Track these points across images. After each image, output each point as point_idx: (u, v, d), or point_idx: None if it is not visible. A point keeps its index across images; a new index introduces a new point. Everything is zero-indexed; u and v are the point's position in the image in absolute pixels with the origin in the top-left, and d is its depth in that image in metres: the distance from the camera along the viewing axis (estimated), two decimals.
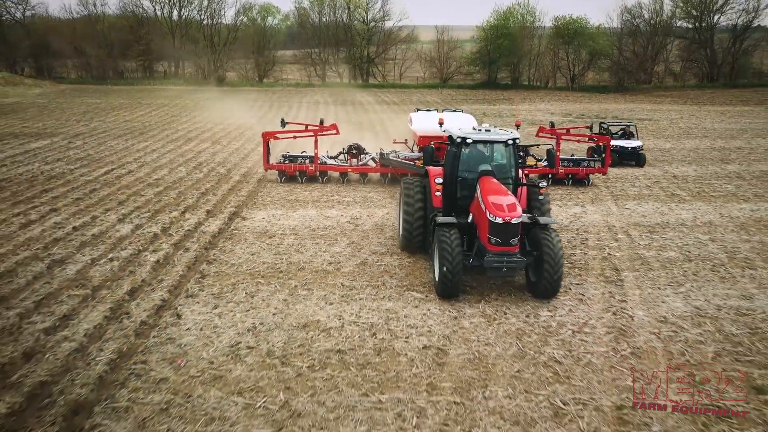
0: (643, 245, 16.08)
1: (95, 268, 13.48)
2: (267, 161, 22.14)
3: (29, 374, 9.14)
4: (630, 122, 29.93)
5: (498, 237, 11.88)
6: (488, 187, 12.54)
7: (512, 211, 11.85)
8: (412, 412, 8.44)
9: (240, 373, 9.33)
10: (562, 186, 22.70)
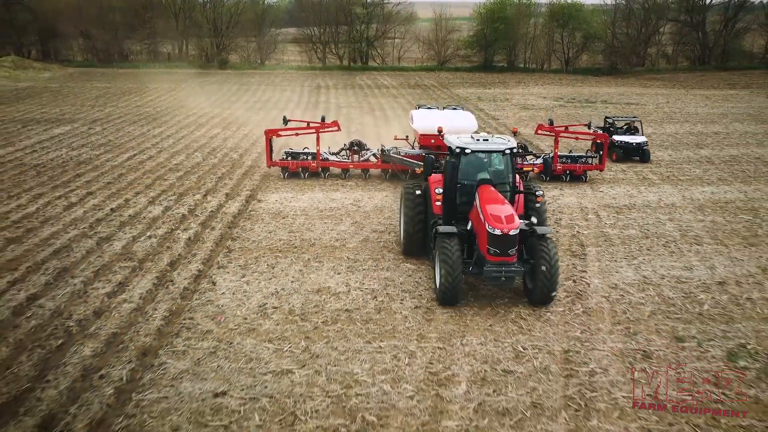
0: (609, 224, 18.44)
1: (137, 244, 15.84)
2: (270, 158, 22.62)
3: (102, 327, 11.53)
4: (635, 117, 29.47)
5: (496, 248, 12.32)
6: (487, 196, 12.99)
7: (510, 222, 12.26)
8: (404, 354, 10.85)
9: (269, 327, 11.73)
10: (560, 182, 23.16)
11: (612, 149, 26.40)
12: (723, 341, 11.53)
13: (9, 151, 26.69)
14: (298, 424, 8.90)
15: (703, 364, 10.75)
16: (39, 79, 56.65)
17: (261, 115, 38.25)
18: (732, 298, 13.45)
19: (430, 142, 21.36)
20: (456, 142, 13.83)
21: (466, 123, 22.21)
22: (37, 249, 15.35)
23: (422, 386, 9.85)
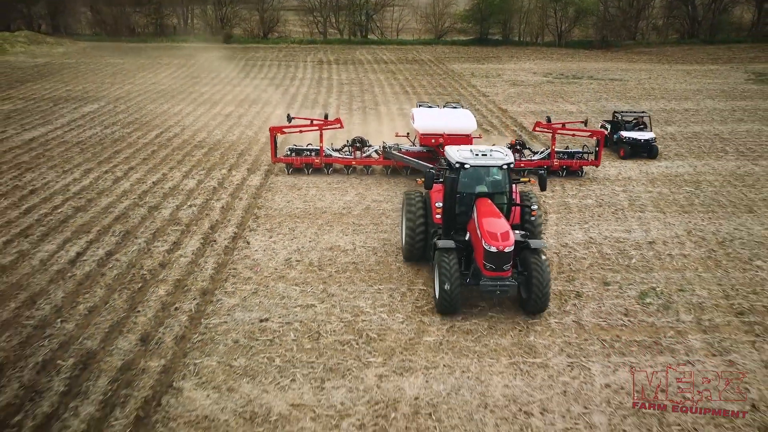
0: (571, 195, 21.98)
1: (181, 212, 19.41)
2: (275, 155, 23.33)
3: (168, 276, 15.16)
4: (643, 112, 29.24)
5: (492, 263, 12.95)
6: (484, 210, 13.70)
7: (505, 240, 12.91)
8: (398, 294, 14.50)
9: (294, 275, 15.37)
10: (557, 177, 23.67)
11: (620, 145, 26.89)
12: (639, 285, 15.20)
13: (49, 129, 30.06)
14: (322, 339, 12.59)
15: (619, 301, 14.42)
16: (54, 54, 59.48)
17: (269, 92, 41.45)
18: (656, 254, 17.08)
19: (430, 141, 22.12)
20: (455, 156, 14.37)
21: (466, 123, 22.77)
22: (101, 216, 18.94)
23: (410, 315, 13.53)
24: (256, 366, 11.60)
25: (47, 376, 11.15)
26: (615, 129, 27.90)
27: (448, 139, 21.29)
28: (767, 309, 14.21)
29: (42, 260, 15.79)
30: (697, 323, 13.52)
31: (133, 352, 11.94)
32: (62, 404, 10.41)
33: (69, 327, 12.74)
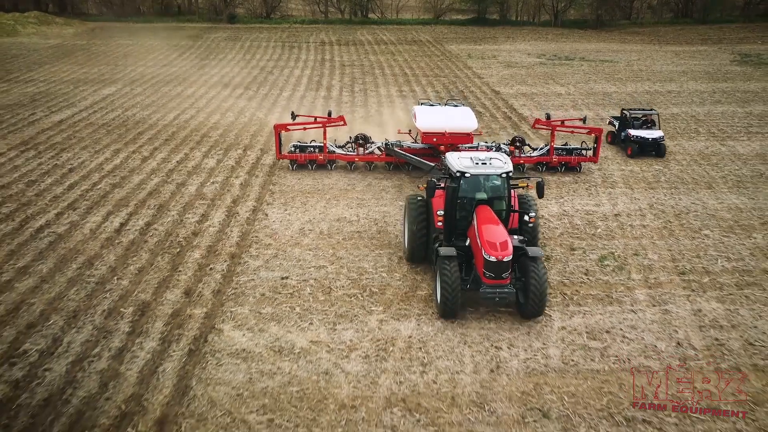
0: (551, 173, 24.55)
1: (205, 188, 22.05)
2: (279, 151, 23.55)
3: (200, 242, 17.85)
4: (652, 110, 28.87)
5: (491, 272, 13.53)
6: (484, 217, 14.26)
7: (504, 249, 13.45)
8: (395, 258, 17.19)
9: (308, 242, 18.06)
10: (555, 173, 24.28)
11: (627, 144, 26.71)
12: (600, 251, 17.90)
13: (75, 111, 32.53)
14: (333, 292, 15.31)
15: (582, 263, 17.13)
16: (65, 36, 61.50)
17: (275, 74, 43.77)
18: (619, 225, 19.76)
19: (432, 140, 22.72)
20: (456, 165, 14.84)
21: (467, 122, 23.19)
22: (136, 191, 21.58)
23: (405, 274, 16.24)
24: (281, 313, 14.35)
25: (114, 320, 13.91)
26: (623, 126, 27.62)
27: (450, 138, 22.32)
28: (705, 270, 16.92)
29: (91, 229, 18.49)
30: (644, 281, 16.25)
31: (179, 302, 14.69)
32: (129, 341, 13.17)
33: (124, 283, 15.48)
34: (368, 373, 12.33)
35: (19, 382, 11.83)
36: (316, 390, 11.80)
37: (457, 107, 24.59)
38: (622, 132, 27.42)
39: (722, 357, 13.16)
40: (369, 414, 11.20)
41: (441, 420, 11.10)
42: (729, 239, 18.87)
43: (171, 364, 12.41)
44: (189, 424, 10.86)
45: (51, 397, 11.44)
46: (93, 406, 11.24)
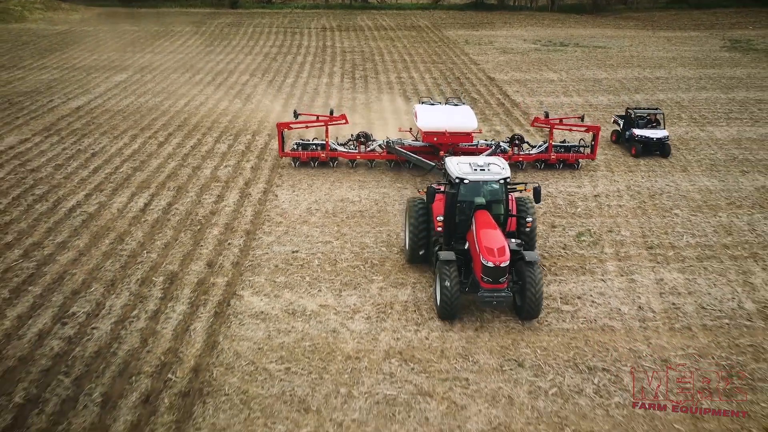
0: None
1: (219, 171, 23.94)
2: (282, 149, 24.09)
3: (218, 220, 19.78)
4: (657, 109, 28.53)
5: (489, 277, 14.02)
6: (482, 221, 14.77)
7: (502, 255, 13.91)
8: (394, 234, 19.14)
9: (315, 220, 19.99)
10: (553, 170, 24.79)
11: (632, 143, 26.58)
12: (578, 228, 19.86)
13: (90, 98, 34.29)
14: (338, 264, 17.28)
15: (561, 239, 19.09)
16: (72, 21, 62.92)
17: (279, 61, 45.41)
18: (598, 205, 21.69)
19: (432, 139, 23.28)
20: (455, 172, 15.26)
21: (467, 121, 23.61)
22: (155, 174, 23.47)
23: (402, 248, 18.19)
24: (293, 281, 16.34)
25: (147, 287, 15.90)
26: (627, 125, 27.38)
27: (450, 137, 22.98)
28: (671, 245, 18.89)
29: (119, 209, 20.43)
30: (616, 254, 18.23)
31: (203, 272, 16.67)
32: (162, 305, 15.17)
33: (153, 256, 17.46)
34: (370, 331, 14.35)
35: (71, 338, 13.84)
36: (326, 345, 13.82)
37: (458, 106, 24.93)
38: (627, 131, 27.15)
39: (676, 318, 15.17)
40: (371, 363, 13.23)
41: (432, 368, 13.12)
42: (696, 218, 20.82)
43: (200, 324, 14.43)
44: (219, 371, 12.88)
45: (100, 350, 13.46)
46: (137, 357, 13.26)
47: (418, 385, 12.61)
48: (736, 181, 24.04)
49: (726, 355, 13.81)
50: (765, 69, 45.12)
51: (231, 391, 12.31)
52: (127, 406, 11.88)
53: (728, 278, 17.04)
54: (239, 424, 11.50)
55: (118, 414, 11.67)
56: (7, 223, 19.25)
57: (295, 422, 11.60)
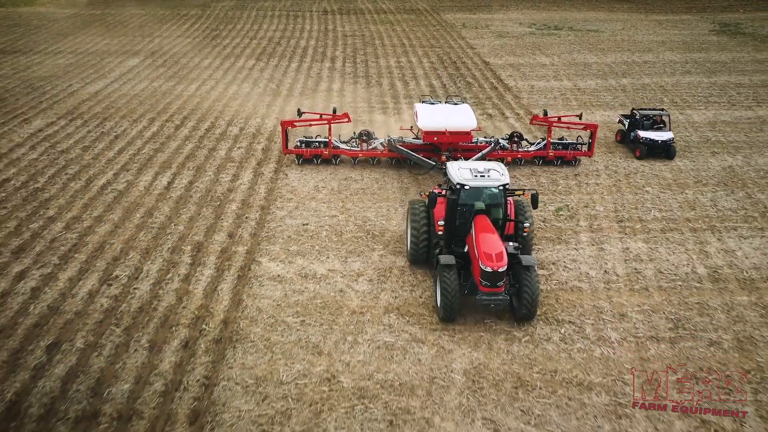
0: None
1: (233, 152, 26.17)
2: (286, 146, 24.74)
3: (235, 197, 22.08)
4: (663, 110, 28.45)
5: (488, 281, 14.67)
6: (481, 226, 15.43)
7: (500, 260, 14.54)
8: (393, 209, 21.44)
9: (321, 196, 22.29)
10: (552, 166, 25.41)
11: (636, 145, 26.54)
12: (557, 203, 22.17)
13: (107, 83, 36.36)
14: (343, 235, 19.62)
15: (541, 213, 21.38)
16: (79, 4, 64.48)
17: (283, 45, 47.30)
18: (578, 183, 23.96)
19: (433, 138, 23.85)
20: (456, 178, 15.93)
21: (466, 121, 24.06)
22: (175, 155, 25.71)
23: (400, 221, 20.49)
24: (304, 250, 18.70)
25: (177, 255, 18.26)
26: (632, 127, 27.33)
27: (450, 136, 23.61)
28: (640, 218, 21.21)
29: (145, 187, 22.73)
30: (589, 226, 20.58)
31: (225, 242, 19.03)
32: (192, 269, 17.54)
33: (180, 228, 19.80)
34: (371, 291, 16.75)
35: (117, 296, 16.24)
36: (334, 302, 16.22)
37: (457, 105, 25.35)
38: (631, 132, 27.15)
39: (636, 281, 17.57)
40: (372, 317, 15.64)
41: (424, 321, 15.53)
42: (665, 194, 23.13)
43: (226, 285, 16.82)
44: (245, 323, 15.30)
45: (143, 306, 15.86)
46: (174, 312, 15.66)
47: (412, 334, 15.03)
48: (705, 162, 26.29)
49: (675, 311, 16.22)
50: (749, 53, 47.01)
51: (256, 339, 14.74)
52: (170, 350, 14.31)
53: (686, 247, 19.41)
54: (264, 364, 13.93)
55: (164, 356, 14.10)
56: (47, 200, 21.57)
57: (310, 362, 14.03)
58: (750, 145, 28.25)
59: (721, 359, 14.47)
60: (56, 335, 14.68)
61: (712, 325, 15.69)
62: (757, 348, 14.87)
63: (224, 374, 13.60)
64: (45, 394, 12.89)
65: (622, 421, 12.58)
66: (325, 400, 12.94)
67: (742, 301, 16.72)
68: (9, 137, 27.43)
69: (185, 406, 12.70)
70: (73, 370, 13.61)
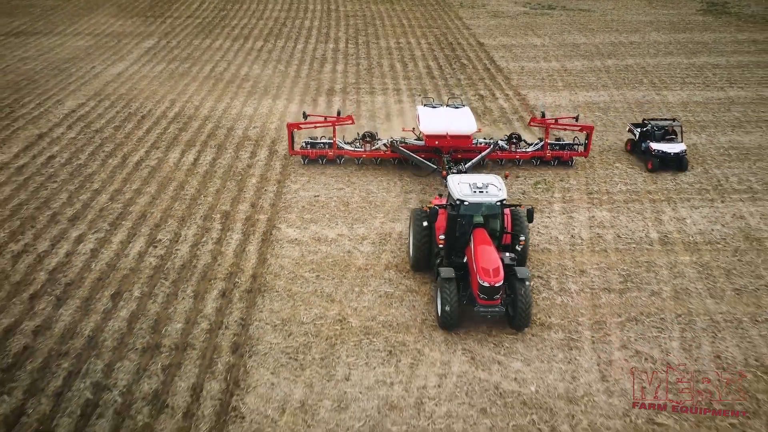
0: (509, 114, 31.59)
1: (249, 131, 29.23)
2: (292, 148, 25.66)
3: (254, 172, 25.21)
4: (674, 121, 27.92)
5: (485, 294, 15.70)
6: (480, 239, 16.43)
7: (496, 276, 15.54)
8: (392, 183, 24.57)
9: (330, 171, 25.36)
10: (549, 166, 26.28)
11: (648, 157, 26.09)
12: (536, 178, 25.29)
13: (126, 65, 39.18)
14: (350, 205, 22.80)
15: (521, 186, 24.54)
16: None
17: (288, 26, 49.86)
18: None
19: (434, 142, 24.76)
20: (456, 193, 16.88)
21: (467, 125, 25.03)
22: (197, 134, 28.78)
23: (398, 193, 23.64)
24: (316, 218, 21.92)
25: (209, 222, 21.49)
26: (643, 137, 26.78)
27: (451, 140, 24.55)
28: (607, 191, 24.36)
29: (174, 163, 25.86)
30: (562, 198, 23.76)
31: (248, 211, 22.25)
32: (222, 234, 20.78)
33: (209, 199, 23.01)
34: (374, 251, 20.01)
35: (162, 256, 19.51)
36: (343, 261, 19.49)
37: (458, 108, 26.28)
38: (643, 143, 26.66)
39: (598, 244, 20.82)
40: (375, 272, 18.94)
41: (418, 275, 18.80)
42: (632, 170, 26.25)
43: (252, 247, 20.10)
44: (270, 277, 18.59)
45: (185, 263, 19.14)
46: (211, 268, 18.95)
47: (407, 285, 18.35)
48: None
49: (626, 268, 19.52)
50: (731, 33, 49.55)
51: (280, 289, 18.06)
52: (211, 298, 17.63)
53: (644, 216, 22.62)
54: (288, 309, 17.27)
55: (206, 303, 17.42)
56: (90, 174, 24.74)
57: (324, 308, 17.37)
58: (715, 125, 31.26)
59: (659, 306, 17.79)
60: (117, 287, 17.99)
61: (655, 279, 18.99)
62: (690, 297, 18.18)
63: (256, 317, 16.95)
64: (115, 331, 16.24)
65: (573, 352, 15.93)
66: (338, 335, 16.30)
67: (684, 260, 19.99)
68: (47, 117, 30.46)
69: (227, 340, 16.05)
70: (135, 313, 16.95)
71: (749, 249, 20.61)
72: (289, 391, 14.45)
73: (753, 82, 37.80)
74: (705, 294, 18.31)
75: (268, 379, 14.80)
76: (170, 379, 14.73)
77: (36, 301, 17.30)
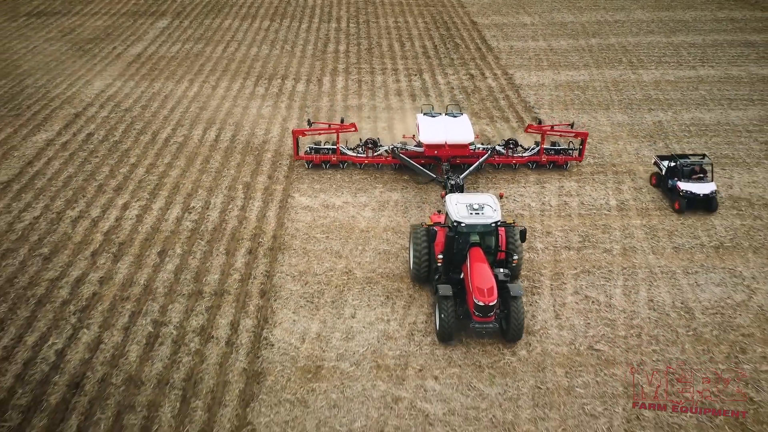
0: (504, 94, 34.98)
1: (263, 110, 32.68)
2: (297, 153, 26.74)
3: (269, 148, 28.76)
4: (704, 158, 25.42)
5: (480, 312, 16.92)
6: (476, 257, 17.66)
7: (490, 295, 16.68)
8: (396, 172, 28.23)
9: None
10: (544, 170, 27.20)
11: (675, 197, 24.36)
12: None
13: (144, 45, 42.33)
14: (352, 177, 26.44)
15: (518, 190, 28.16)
16: None
17: (293, 5, 52.64)
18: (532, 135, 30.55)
19: (433, 152, 25.80)
20: (453, 215, 18.08)
21: (464, 135, 25.86)
22: (216, 114, 32.24)
23: (396, 168, 27.26)
24: (325, 188, 25.60)
25: (233, 191, 25.18)
26: (671, 173, 24.84)
27: (450, 149, 25.60)
28: (577, 165, 27.94)
29: (198, 139, 29.43)
30: (537, 170, 27.34)
31: (266, 182, 25.92)
32: (245, 202, 24.49)
33: (232, 172, 26.64)
34: (374, 216, 23.76)
35: (196, 221, 23.26)
36: (348, 224, 23.24)
37: (456, 117, 27.20)
38: (670, 180, 24.85)
39: (564, 210, 24.54)
40: (375, 234, 22.71)
41: None
42: (601, 145, 29.79)
43: (272, 212, 23.85)
44: (287, 238, 22.36)
45: (216, 227, 22.90)
46: (238, 230, 22.72)
47: (403, 245, 22.13)
48: (641, 117, 32.74)
49: (586, 230, 23.28)
50: (711, 11, 52.28)
51: (297, 247, 21.86)
52: (240, 255, 21.44)
53: (606, 186, 26.29)
54: (304, 263, 21.09)
55: (237, 258, 21.24)
56: (126, 150, 28.35)
57: (333, 262, 21.18)
58: (682, 102, 34.65)
59: (609, 261, 21.61)
60: (161, 246, 21.79)
61: (609, 239, 22.77)
62: (636, 254, 21.99)
63: (278, 269, 20.78)
64: (164, 281, 20.09)
65: (534, 297, 19.80)
66: (345, 284, 20.16)
67: (635, 223, 23.73)
68: (79, 97, 33.90)
69: (256, 287, 19.91)
70: (179, 267, 20.78)
71: (691, 213, 24.31)
72: (308, 326, 18.36)
73: (724, 61, 40.89)
74: (648, 251, 22.12)
75: (291, 317, 18.70)
76: (213, 317, 18.64)
77: (97, 257, 21.13)
